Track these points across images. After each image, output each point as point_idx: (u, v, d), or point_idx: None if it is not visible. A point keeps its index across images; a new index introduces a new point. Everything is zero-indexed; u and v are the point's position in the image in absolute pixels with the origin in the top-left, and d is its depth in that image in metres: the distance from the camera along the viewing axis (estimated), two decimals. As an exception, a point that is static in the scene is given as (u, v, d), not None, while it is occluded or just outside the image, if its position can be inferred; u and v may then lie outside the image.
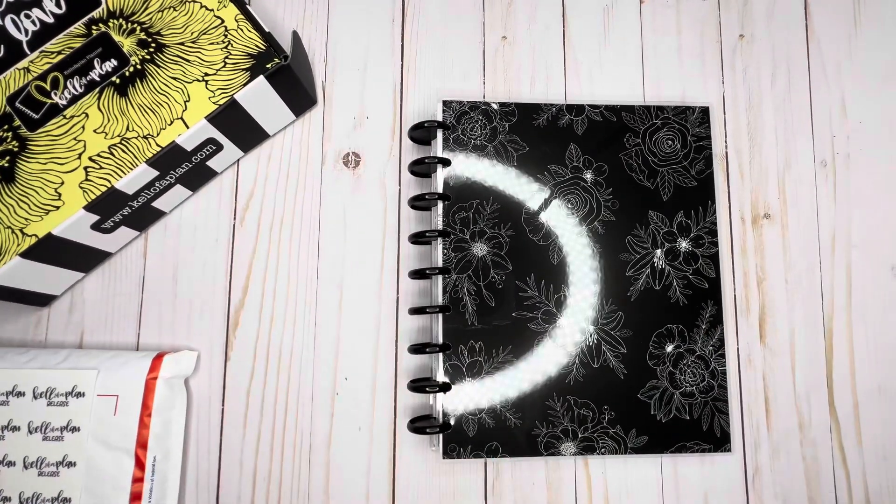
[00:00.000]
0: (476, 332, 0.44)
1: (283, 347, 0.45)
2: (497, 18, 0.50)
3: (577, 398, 0.44)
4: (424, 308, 0.43)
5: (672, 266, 0.45)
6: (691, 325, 0.45)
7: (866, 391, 0.47)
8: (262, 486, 0.44)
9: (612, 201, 0.46)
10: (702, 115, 0.47)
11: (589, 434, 0.43)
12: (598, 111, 0.47)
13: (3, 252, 0.39)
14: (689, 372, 0.44)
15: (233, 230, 0.47)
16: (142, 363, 0.42)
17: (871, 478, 0.46)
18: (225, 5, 0.43)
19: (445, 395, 0.43)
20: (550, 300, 0.44)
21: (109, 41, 0.42)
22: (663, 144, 0.47)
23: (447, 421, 0.42)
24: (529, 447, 0.43)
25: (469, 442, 0.43)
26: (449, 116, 0.46)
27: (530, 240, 0.45)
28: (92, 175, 0.41)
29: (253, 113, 0.44)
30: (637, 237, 0.46)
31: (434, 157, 0.45)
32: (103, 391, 0.41)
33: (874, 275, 0.48)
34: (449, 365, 0.43)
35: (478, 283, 0.44)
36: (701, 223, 0.46)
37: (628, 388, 0.44)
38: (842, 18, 0.51)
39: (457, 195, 0.45)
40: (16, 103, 0.41)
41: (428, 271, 0.43)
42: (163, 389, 0.42)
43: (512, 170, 0.46)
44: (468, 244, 0.44)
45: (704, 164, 0.47)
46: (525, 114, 0.46)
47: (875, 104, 0.50)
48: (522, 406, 0.43)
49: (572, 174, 0.46)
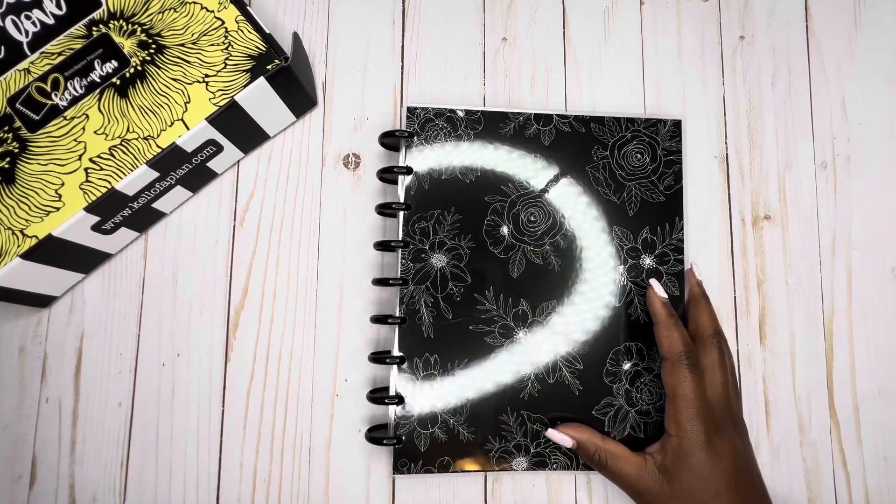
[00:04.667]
0: (432, 344, 0.43)
1: (283, 349, 0.45)
2: (497, 20, 0.50)
3: (531, 413, 0.43)
4: (386, 318, 0.42)
5: (634, 283, 0.44)
6: (651, 343, 0.44)
7: (866, 393, 0.47)
8: (262, 488, 0.44)
9: (574, 215, 0.45)
10: (673, 129, 0.46)
11: (541, 449, 0.42)
12: (567, 122, 0.46)
13: (4, 253, 0.39)
14: (645, 390, 0.43)
15: (233, 231, 0.47)
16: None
17: (872, 479, 0.46)
18: (225, 6, 0.43)
19: (398, 408, 0.42)
20: (508, 314, 0.43)
21: (110, 42, 0.42)
22: (632, 158, 0.45)
23: (400, 435, 0.42)
24: (482, 462, 0.42)
25: (420, 457, 0.42)
26: (413, 123, 0.45)
27: (491, 252, 0.44)
28: (92, 176, 0.41)
29: (253, 114, 0.44)
30: (599, 252, 0.44)
31: (400, 166, 0.44)
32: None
33: (875, 276, 0.48)
34: (404, 377, 0.42)
35: (435, 294, 0.43)
36: (667, 240, 0.45)
37: (583, 404, 0.43)
38: (842, 20, 0.51)
39: (417, 205, 0.44)
40: (16, 104, 0.41)
41: (392, 281, 0.43)
42: None
43: (475, 180, 0.45)
44: (427, 255, 0.44)
45: (674, 180, 0.45)
46: (492, 122, 0.45)
47: (876, 106, 0.50)
48: (475, 420, 0.42)
49: (536, 186, 0.45)
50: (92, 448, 0.44)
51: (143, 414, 0.44)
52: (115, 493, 0.43)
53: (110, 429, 0.44)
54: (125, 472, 0.43)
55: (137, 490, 0.43)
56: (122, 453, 0.44)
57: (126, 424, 0.44)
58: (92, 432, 0.44)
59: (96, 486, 0.43)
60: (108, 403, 0.44)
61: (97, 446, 0.44)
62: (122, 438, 0.44)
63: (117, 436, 0.44)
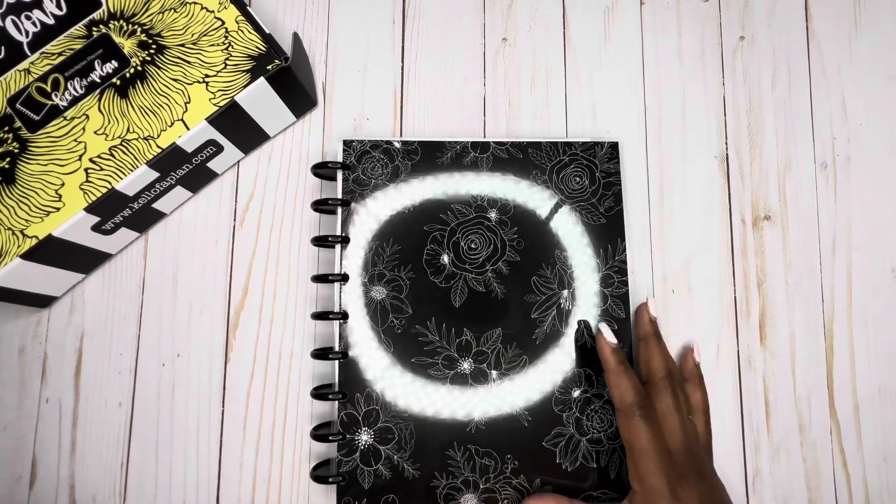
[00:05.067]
0: (373, 379, 0.42)
1: (283, 349, 0.45)
2: (497, 20, 0.50)
3: (479, 447, 0.41)
4: (327, 353, 0.42)
5: (579, 307, 0.44)
6: (599, 368, 0.42)
7: (867, 393, 0.46)
8: (262, 488, 0.44)
9: (517, 241, 0.44)
10: (611, 151, 0.46)
11: (491, 485, 0.41)
12: (504, 148, 0.45)
13: (4, 253, 0.39)
14: (596, 418, 0.42)
15: (233, 231, 0.47)
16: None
17: (872, 480, 0.46)
18: (225, 7, 0.43)
19: (340, 445, 0.41)
20: (452, 345, 0.43)
21: (110, 42, 0.42)
22: (571, 181, 0.45)
23: (341, 472, 0.41)
24: (429, 499, 0.41)
25: (364, 494, 0.41)
26: (349, 156, 0.44)
27: (432, 282, 0.43)
28: (92, 176, 0.41)
29: (253, 114, 0.44)
30: (543, 277, 0.44)
31: (336, 198, 0.43)
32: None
33: (875, 277, 0.48)
34: (345, 414, 0.42)
35: (376, 328, 0.43)
36: (610, 262, 0.44)
37: (533, 435, 0.42)
38: (842, 20, 0.51)
39: (356, 236, 0.44)
40: (16, 105, 0.41)
41: (332, 316, 0.42)
42: None
43: (413, 209, 0.44)
44: (367, 287, 0.43)
45: (614, 201, 0.45)
46: (428, 151, 0.45)
47: (876, 106, 0.50)
48: (421, 456, 0.41)
49: (476, 213, 0.44)
50: (92, 448, 0.44)
51: (143, 414, 0.44)
52: (115, 493, 0.43)
53: (110, 429, 0.44)
54: (125, 472, 0.43)
55: (137, 490, 0.43)
56: (122, 453, 0.44)
57: (126, 425, 0.44)
58: (92, 432, 0.44)
59: (96, 487, 0.43)
60: (108, 404, 0.44)
61: (97, 446, 0.44)
62: (122, 439, 0.44)
63: (117, 436, 0.44)
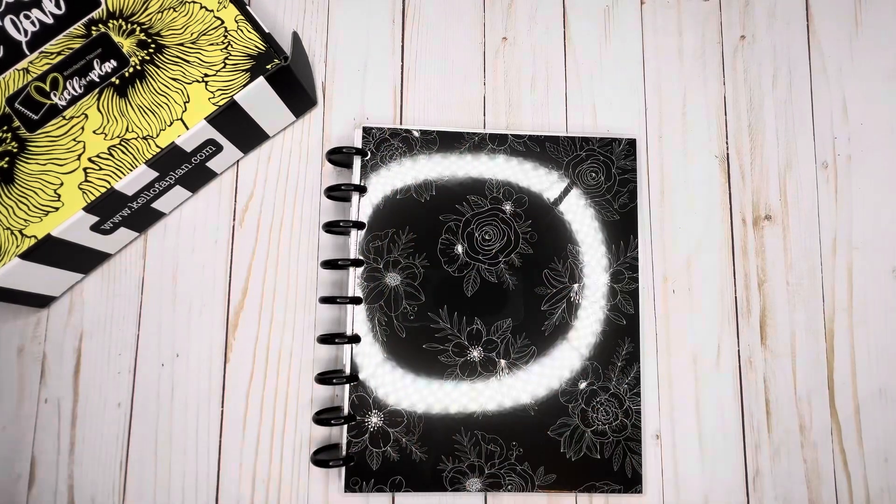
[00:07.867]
0: (385, 363, 0.43)
1: (282, 349, 0.45)
2: (497, 19, 0.50)
3: (486, 433, 0.43)
4: (334, 337, 0.42)
5: (588, 301, 0.44)
6: (606, 362, 0.44)
7: (867, 393, 0.46)
8: (262, 488, 0.43)
9: (530, 234, 0.45)
10: (628, 148, 0.46)
11: (496, 470, 0.42)
12: (522, 141, 0.46)
13: (3, 253, 0.39)
14: (601, 410, 0.43)
15: (232, 231, 0.46)
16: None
17: (872, 480, 0.45)
18: (225, 6, 0.43)
19: (350, 427, 0.42)
20: (462, 333, 0.43)
21: (109, 42, 0.42)
22: (586, 177, 0.45)
23: (350, 454, 0.42)
24: (434, 482, 0.42)
25: (372, 475, 0.42)
26: (368, 143, 0.45)
27: (445, 271, 0.44)
28: (91, 176, 0.41)
29: (253, 114, 0.44)
30: (554, 271, 0.44)
31: (350, 184, 0.44)
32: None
33: (875, 277, 0.48)
34: (356, 396, 0.42)
35: (389, 313, 0.43)
36: (622, 258, 0.45)
37: (538, 424, 0.43)
38: (843, 19, 0.51)
39: (372, 223, 0.44)
40: (15, 104, 0.41)
41: (339, 300, 0.42)
42: None
43: (430, 199, 0.45)
44: (381, 274, 0.44)
45: (628, 198, 0.46)
46: (446, 142, 0.45)
47: (876, 105, 0.50)
48: (429, 440, 0.42)
49: (491, 205, 0.45)
50: (91, 448, 0.43)
51: (143, 414, 0.44)
52: (115, 493, 0.43)
53: (109, 429, 0.44)
54: (124, 472, 0.43)
55: (137, 490, 0.43)
56: (122, 453, 0.44)
57: (125, 425, 0.44)
58: (91, 433, 0.44)
59: (95, 487, 0.43)
60: (107, 404, 0.44)
61: (96, 447, 0.44)
62: (122, 439, 0.44)
63: (116, 436, 0.44)
